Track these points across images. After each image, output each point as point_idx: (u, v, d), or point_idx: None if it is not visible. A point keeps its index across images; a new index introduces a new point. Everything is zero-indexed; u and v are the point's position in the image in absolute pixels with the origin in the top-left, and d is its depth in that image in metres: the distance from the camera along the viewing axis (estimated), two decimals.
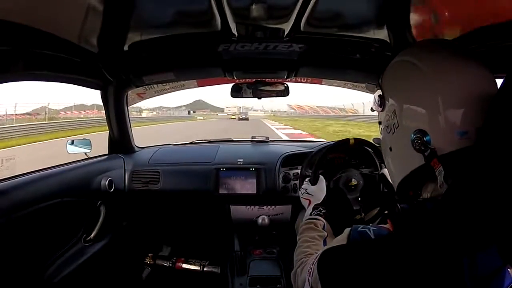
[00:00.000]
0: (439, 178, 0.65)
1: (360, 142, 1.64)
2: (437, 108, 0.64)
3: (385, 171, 1.36)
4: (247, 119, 41.23)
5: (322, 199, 1.29)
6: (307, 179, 1.42)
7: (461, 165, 0.61)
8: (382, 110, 0.82)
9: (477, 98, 0.62)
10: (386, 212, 0.78)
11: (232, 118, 43.30)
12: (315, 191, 1.34)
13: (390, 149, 0.79)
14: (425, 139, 0.66)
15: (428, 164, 0.66)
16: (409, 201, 0.74)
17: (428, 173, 0.67)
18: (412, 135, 0.68)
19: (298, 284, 0.87)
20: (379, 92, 0.84)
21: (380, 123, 0.86)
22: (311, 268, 0.77)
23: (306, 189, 1.36)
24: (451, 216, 0.57)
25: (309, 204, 1.27)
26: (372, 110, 0.89)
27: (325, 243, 0.99)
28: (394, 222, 0.68)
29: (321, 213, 1.17)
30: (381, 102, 0.82)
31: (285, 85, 1.95)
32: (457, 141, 0.63)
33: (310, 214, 1.18)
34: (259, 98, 1.98)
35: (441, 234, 0.57)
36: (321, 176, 1.40)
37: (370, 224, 0.77)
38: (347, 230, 0.76)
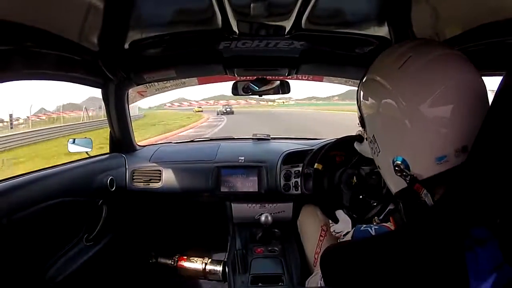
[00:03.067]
0: (427, 200, 0.63)
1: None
2: (411, 137, 0.62)
3: None
4: (232, 112, 30.36)
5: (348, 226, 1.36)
6: (330, 222, 1.45)
7: (446, 186, 0.60)
8: (365, 130, 0.80)
9: (454, 116, 0.59)
10: (388, 208, 0.78)
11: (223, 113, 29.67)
12: (343, 226, 1.40)
13: (379, 167, 0.78)
14: (404, 165, 0.64)
15: (411, 187, 0.65)
16: (414, 197, 0.74)
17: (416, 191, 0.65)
18: (393, 161, 0.66)
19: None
20: (358, 112, 0.81)
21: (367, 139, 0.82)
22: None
23: (334, 230, 1.41)
24: (451, 212, 0.57)
25: (341, 235, 1.34)
26: (359, 125, 0.86)
27: None
28: (396, 220, 0.68)
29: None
30: (362, 123, 0.80)
31: (286, 81, 1.95)
32: (436, 166, 0.61)
33: (346, 233, 1.25)
34: (260, 95, 1.98)
35: (442, 229, 0.57)
36: (337, 211, 1.42)
37: (374, 222, 0.77)
38: (351, 231, 0.77)
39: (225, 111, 30.50)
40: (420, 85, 0.61)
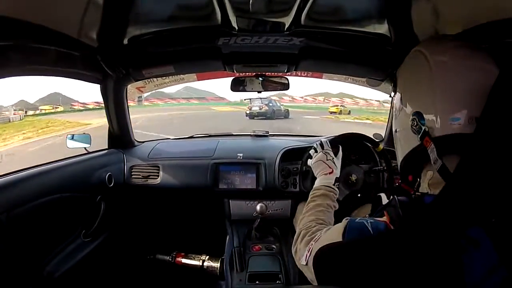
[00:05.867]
0: (431, 156, 0.68)
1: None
2: (433, 94, 0.69)
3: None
4: (269, 115, 17.04)
5: (339, 174, 1.27)
6: (328, 146, 1.37)
7: (452, 149, 0.66)
8: (394, 96, 0.88)
9: (472, 90, 0.66)
10: (383, 204, 0.78)
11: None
12: (338, 165, 1.30)
13: (396, 131, 0.86)
14: (421, 121, 0.70)
15: (422, 144, 0.71)
16: (408, 193, 0.76)
17: (424, 154, 0.71)
18: (411, 117, 0.73)
19: (299, 248, 0.90)
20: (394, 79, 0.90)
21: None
22: (311, 250, 0.79)
23: (333, 158, 1.30)
24: (449, 213, 0.57)
25: (329, 173, 1.23)
26: (390, 96, 0.98)
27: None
28: (390, 215, 0.68)
29: (337, 188, 1.18)
30: (394, 89, 0.89)
31: (286, 78, 1.94)
32: (449, 126, 0.67)
33: (333, 184, 1.18)
34: (259, 92, 1.98)
35: (440, 231, 0.57)
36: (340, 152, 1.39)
37: (367, 216, 0.77)
38: (343, 222, 0.76)
39: (247, 112, 17.56)
40: (455, 59, 0.70)
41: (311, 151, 1.41)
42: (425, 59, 0.73)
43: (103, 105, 1.88)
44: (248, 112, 17.63)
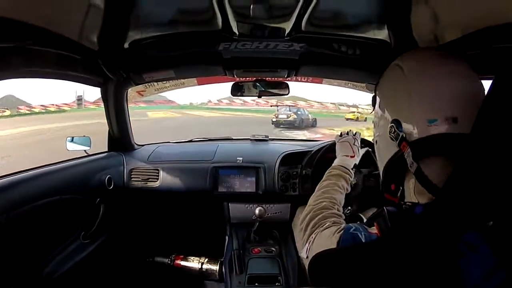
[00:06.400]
0: (408, 160, 0.69)
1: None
2: (410, 101, 0.71)
3: None
4: (292, 124, 15.82)
5: (357, 164, 1.28)
6: (359, 136, 1.40)
7: (430, 150, 0.68)
8: (374, 108, 0.89)
9: (446, 92, 0.68)
10: (372, 214, 0.78)
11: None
12: (360, 154, 1.33)
13: (376, 142, 0.87)
14: (398, 128, 0.72)
15: (400, 150, 0.72)
16: (397, 204, 0.76)
17: (403, 161, 0.72)
18: (389, 125, 0.74)
19: (304, 230, 0.90)
20: (373, 93, 0.91)
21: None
22: (311, 244, 0.80)
23: (359, 145, 1.34)
24: (444, 220, 0.57)
25: (351, 157, 1.25)
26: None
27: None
28: (380, 226, 0.68)
29: (354, 174, 1.19)
30: (374, 102, 0.90)
31: (286, 83, 1.95)
32: (426, 129, 0.68)
33: (352, 168, 1.19)
34: (259, 96, 1.98)
35: (434, 237, 0.57)
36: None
37: (360, 224, 0.77)
38: (339, 232, 0.76)
39: (273, 120, 16.16)
40: (427, 65, 0.74)
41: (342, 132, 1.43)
42: (400, 70, 0.76)
43: (49, 108, 1.85)
44: (274, 120, 16.27)
